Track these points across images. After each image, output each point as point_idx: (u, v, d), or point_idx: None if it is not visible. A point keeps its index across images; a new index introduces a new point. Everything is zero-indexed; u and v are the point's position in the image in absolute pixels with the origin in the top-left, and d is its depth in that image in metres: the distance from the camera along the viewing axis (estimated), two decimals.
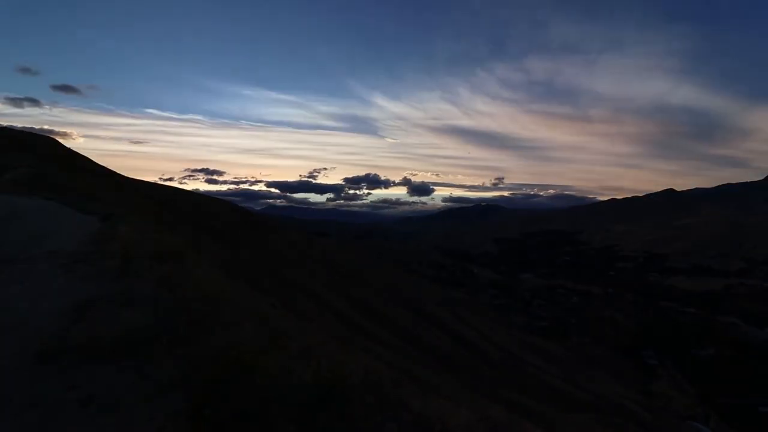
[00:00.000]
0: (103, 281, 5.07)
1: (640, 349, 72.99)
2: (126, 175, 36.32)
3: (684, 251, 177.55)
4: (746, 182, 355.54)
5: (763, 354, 65.33)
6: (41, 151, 24.04)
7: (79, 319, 3.91)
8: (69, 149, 31.47)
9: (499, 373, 25.71)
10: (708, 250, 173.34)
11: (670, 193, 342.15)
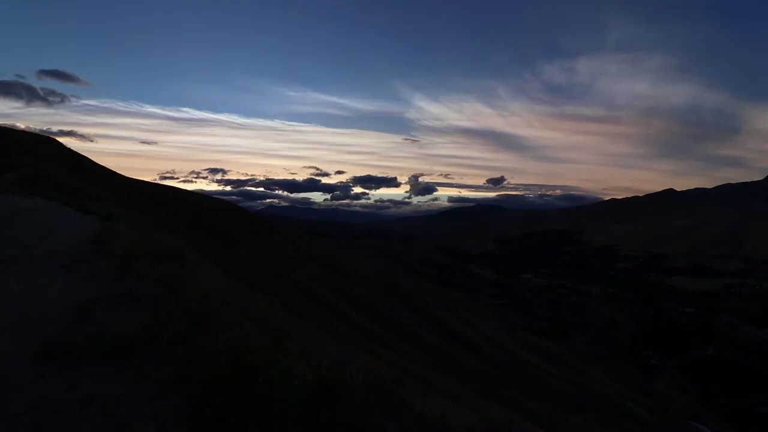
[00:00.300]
0: (103, 281, 5.06)
1: (640, 349, 72.96)
2: (127, 175, 36.32)
3: (684, 251, 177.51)
4: (746, 182, 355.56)
5: (763, 354, 65.31)
6: (42, 152, 24.05)
7: (79, 319, 3.91)
8: (70, 149, 31.48)
9: (500, 373, 25.70)
10: (708, 250, 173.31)
11: (670, 193, 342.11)
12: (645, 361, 67.87)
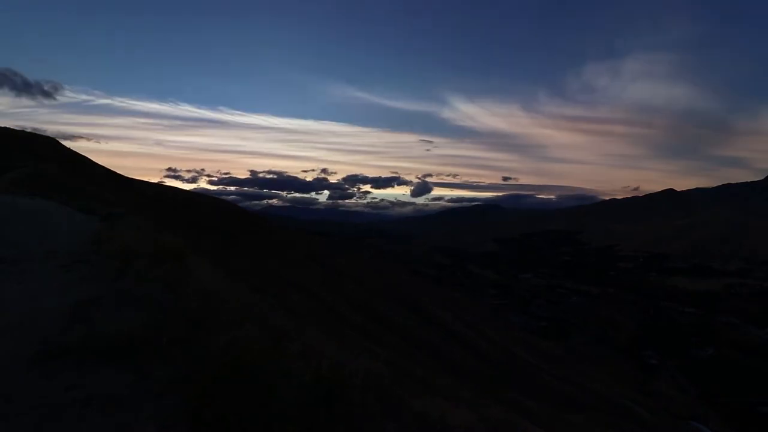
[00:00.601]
0: (103, 281, 5.07)
1: (640, 349, 72.97)
2: (127, 175, 36.33)
3: (684, 251, 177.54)
4: (746, 182, 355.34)
5: (763, 354, 65.33)
6: (42, 152, 24.07)
7: (79, 319, 3.91)
8: (70, 149, 31.48)
9: (499, 373, 25.70)
10: (708, 250, 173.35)
11: (670, 193, 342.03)
12: (645, 361, 67.88)
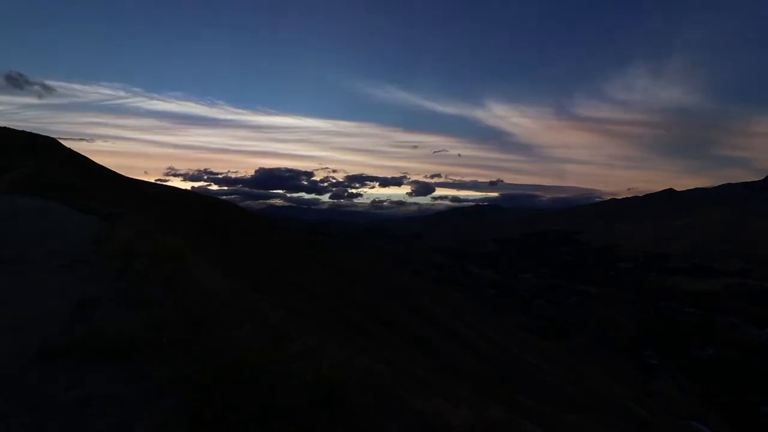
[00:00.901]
0: (103, 281, 5.07)
1: (640, 349, 72.97)
2: (127, 175, 36.32)
3: (684, 251, 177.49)
4: (746, 182, 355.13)
5: (763, 354, 65.33)
6: (42, 152, 24.07)
7: (79, 319, 3.91)
8: (70, 149, 31.48)
9: (499, 373, 25.70)
10: (708, 250, 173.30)
11: (670, 193, 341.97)
12: (645, 361, 67.87)
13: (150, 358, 3.15)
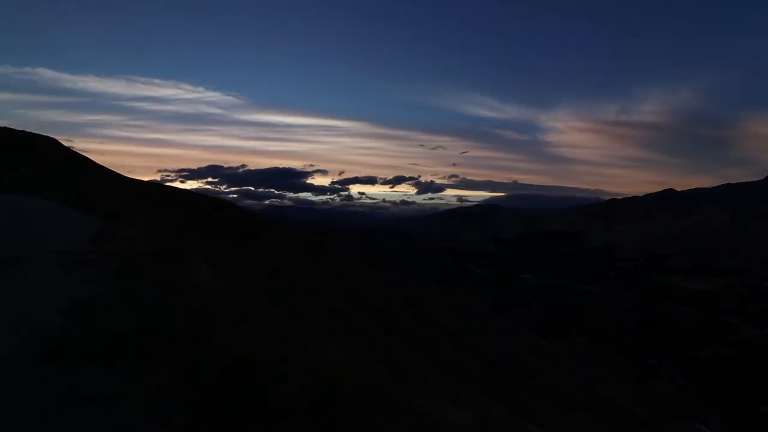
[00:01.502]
0: (103, 281, 5.07)
1: (639, 349, 73.01)
2: (127, 175, 36.30)
3: (684, 251, 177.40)
4: (746, 182, 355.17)
5: (763, 354, 65.34)
6: (42, 152, 24.06)
7: (79, 319, 3.91)
8: (70, 149, 31.46)
9: (499, 372, 25.71)
10: (708, 250, 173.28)
11: (670, 193, 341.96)
12: (645, 361, 67.89)
13: (150, 358, 3.15)
